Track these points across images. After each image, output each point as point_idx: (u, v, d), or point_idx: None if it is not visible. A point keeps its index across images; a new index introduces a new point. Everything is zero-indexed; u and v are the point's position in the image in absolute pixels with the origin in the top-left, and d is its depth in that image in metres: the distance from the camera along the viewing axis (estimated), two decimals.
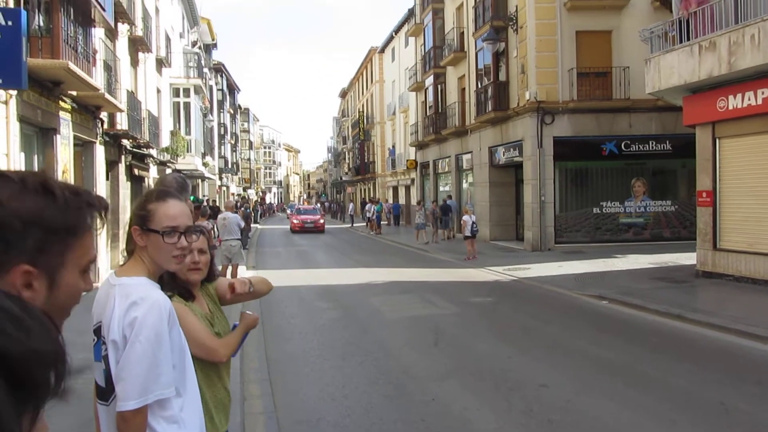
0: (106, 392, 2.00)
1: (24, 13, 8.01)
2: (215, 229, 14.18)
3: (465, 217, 19.16)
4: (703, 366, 7.31)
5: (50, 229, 1.01)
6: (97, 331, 2.02)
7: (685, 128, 14.33)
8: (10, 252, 0.96)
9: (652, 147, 20.38)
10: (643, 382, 6.65)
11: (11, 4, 9.80)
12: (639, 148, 20.41)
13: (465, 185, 29.06)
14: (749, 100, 11.70)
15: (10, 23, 7.55)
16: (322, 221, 36.39)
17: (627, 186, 20.97)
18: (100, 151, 15.50)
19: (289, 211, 60.75)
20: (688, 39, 12.65)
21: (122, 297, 1.95)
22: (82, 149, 14.77)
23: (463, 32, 27.47)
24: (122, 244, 2.28)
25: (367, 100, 56.56)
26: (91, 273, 1.17)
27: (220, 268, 13.19)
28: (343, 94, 74.41)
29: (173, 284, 2.53)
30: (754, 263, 12.08)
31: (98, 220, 1.13)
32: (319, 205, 51.60)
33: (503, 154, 23.16)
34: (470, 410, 5.95)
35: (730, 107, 12.13)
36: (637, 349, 8.12)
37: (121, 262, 2.17)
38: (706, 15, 12.25)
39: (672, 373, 7.00)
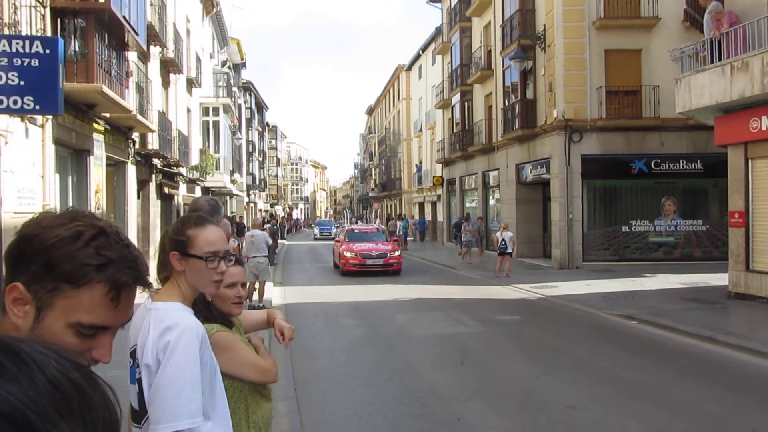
0: (139, 415, 2.06)
1: (61, 42, 8.26)
2: (241, 246, 14.34)
3: (497, 234, 19.18)
4: (736, 390, 7.17)
5: (48, 263, 1.06)
6: (133, 354, 2.08)
7: (716, 147, 14.15)
8: (17, 267, 1.07)
9: (683, 166, 20.14)
10: (673, 406, 6.54)
11: (48, 32, 10.14)
12: (669, 167, 20.19)
13: (492, 202, 29.00)
14: None
15: (48, 51, 7.79)
16: (397, 253, 21.25)
17: (657, 205, 20.72)
18: (131, 171, 15.84)
19: (316, 229, 52.47)
20: (720, 59, 12.53)
21: (157, 321, 2.01)
22: (114, 169, 15.11)
23: (490, 50, 27.55)
24: (154, 266, 2.35)
25: (393, 117, 56.84)
26: (101, 346, 1.13)
27: (246, 284, 13.32)
28: (370, 111, 74.87)
29: (212, 315, 2.60)
30: None
31: (107, 279, 1.10)
32: (381, 225, 33.46)
33: (530, 172, 23.07)
34: (496, 430, 5.92)
35: (763, 128, 11.94)
36: (667, 372, 8.00)
37: (156, 287, 2.22)
38: (738, 35, 12.13)
39: (703, 396, 6.89)
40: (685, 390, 7.13)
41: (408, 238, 35.31)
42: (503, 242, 18.66)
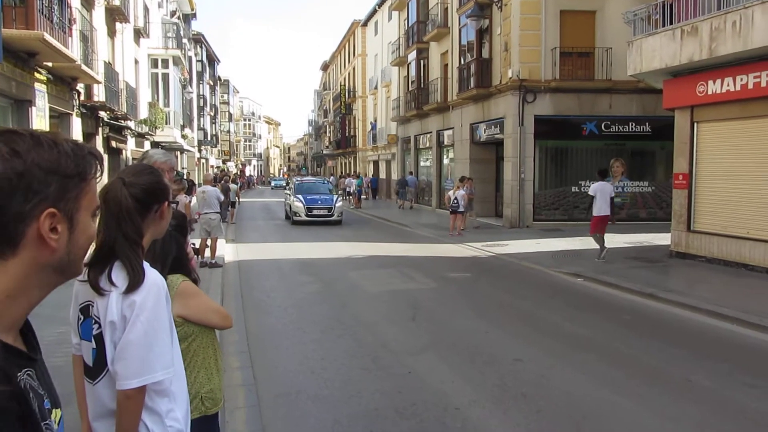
0: (93, 371, 2.03)
1: None
2: (192, 203, 14.09)
3: (449, 193, 19.39)
4: (673, 344, 7.51)
5: (67, 175, 1.13)
6: (85, 310, 2.03)
7: (664, 111, 14.48)
8: (35, 199, 1.08)
9: (632, 128, 20.60)
10: (615, 358, 6.84)
11: None
12: (619, 129, 20.61)
13: (446, 161, 29.16)
14: (728, 86, 11.85)
15: None
16: None
17: (606, 166, 21.13)
18: (76, 123, 15.31)
19: (296, 200, 22.68)
20: (671, 23, 12.72)
21: (119, 278, 1.97)
22: (58, 121, 14.58)
23: (447, 8, 27.32)
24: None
25: (349, 74, 56.14)
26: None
27: (198, 241, 13.18)
28: (325, 67, 73.73)
29: (184, 268, 2.74)
30: (726, 246, 12.34)
31: (98, 168, 1.22)
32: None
33: (484, 131, 23.23)
34: (446, 383, 6.08)
35: (710, 92, 12.28)
36: (611, 326, 8.31)
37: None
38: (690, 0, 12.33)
39: (643, 350, 7.20)
40: (626, 344, 7.43)
41: (362, 196, 35.44)
42: (455, 201, 18.90)
